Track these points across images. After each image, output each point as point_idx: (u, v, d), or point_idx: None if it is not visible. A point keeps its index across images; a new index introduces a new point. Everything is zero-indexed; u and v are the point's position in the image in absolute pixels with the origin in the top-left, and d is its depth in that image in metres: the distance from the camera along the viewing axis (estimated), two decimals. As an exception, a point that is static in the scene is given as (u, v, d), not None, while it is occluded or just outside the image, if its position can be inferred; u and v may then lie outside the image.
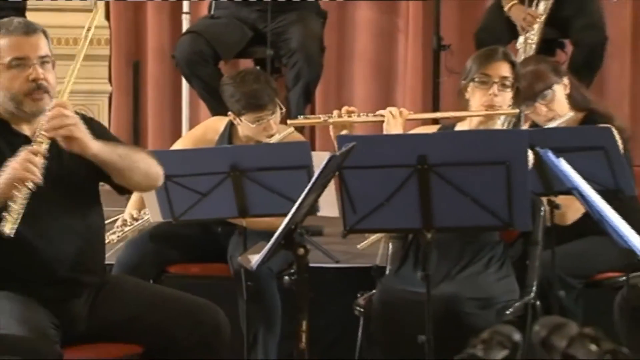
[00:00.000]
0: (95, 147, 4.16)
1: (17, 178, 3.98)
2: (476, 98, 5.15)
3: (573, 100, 5.41)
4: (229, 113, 5.66)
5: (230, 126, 5.70)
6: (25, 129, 4.27)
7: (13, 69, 4.21)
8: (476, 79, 5.15)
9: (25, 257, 4.23)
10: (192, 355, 4.29)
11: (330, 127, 5.10)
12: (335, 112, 5.07)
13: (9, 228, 3.93)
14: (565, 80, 5.42)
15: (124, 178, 4.31)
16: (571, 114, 5.34)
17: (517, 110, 5.18)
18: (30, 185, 3.96)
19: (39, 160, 3.99)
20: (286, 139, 5.55)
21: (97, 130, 4.39)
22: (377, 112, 5.10)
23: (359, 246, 5.14)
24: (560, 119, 5.31)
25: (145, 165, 4.34)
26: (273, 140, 5.55)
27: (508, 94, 5.15)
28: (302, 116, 5.52)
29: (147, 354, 4.35)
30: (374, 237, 5.16)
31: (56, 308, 4.24)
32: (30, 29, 4.26)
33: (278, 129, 5.57)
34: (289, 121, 5.26)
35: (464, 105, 5.19)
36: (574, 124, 5.37)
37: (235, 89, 5.60)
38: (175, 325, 4.29)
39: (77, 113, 4.24)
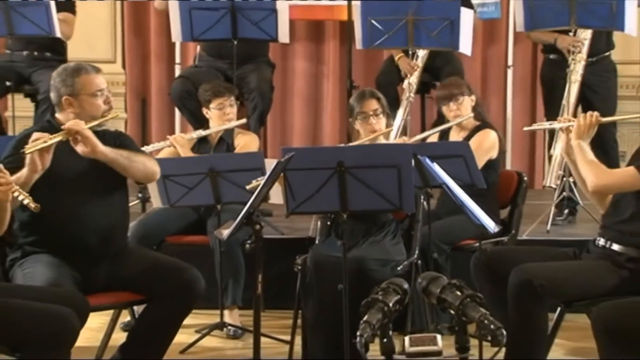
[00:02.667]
0: (102, 147, 4.13)
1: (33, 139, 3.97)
2: (363, 128, 5.19)
3: (475, 112, 5.48)
4: (203, 109, 5.76)
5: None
6: None
7: (95, 97, 4.20)
8: (358, 117, 5.19)
9: (61, 231, 4.18)
10: (174, 300, 4.24)
11: None
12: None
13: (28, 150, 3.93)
14: (474, 97, 5.50)
15: (127, 173, 4.27)
16: (471, 115, 5.43)
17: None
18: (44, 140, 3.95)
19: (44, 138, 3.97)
20: (241, 132, 5.76)
21: (125, 138, 4.43)
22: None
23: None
24: (462, 117, 5.40)
25: (143, 165, 4.29)
26: (230, 125, 5.69)
27: (382, 119, 5.20)
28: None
29: (146, 299, 4.31)
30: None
31: (82, 269, 4.19)
32: (98, 70, 4.29)
33: (234, 118, 5.72)
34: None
35: (355, 134, 5.24)
36: (471, 126, 5.47)
37: (207, 85, 5.81)
38: (164, 280, 4.24)
39: (111, 130, 4.30)
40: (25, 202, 3.78)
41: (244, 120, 5.85)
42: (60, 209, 4.10)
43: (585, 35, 6.09)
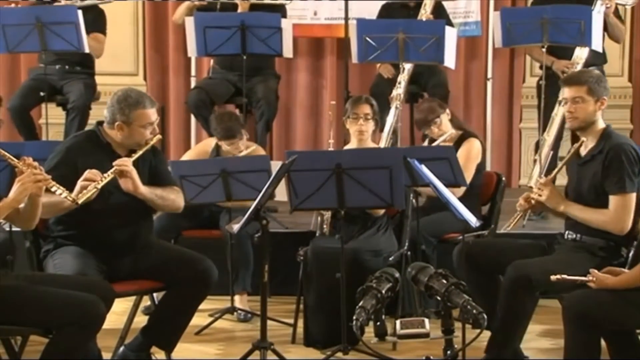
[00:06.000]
0: (142, 188, 4.14)
1: (85, 178, 3.96)
2: (352, 127, 5.18)
3: (453, 123, 5.41)
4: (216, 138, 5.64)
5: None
6: (121, 153, 4.22)
7: (145, 128, 4.17)
8: (350, 117, 5.18)
9: (92, 228, 4.17)
10: (190, 287, 4.22)
11: None
12: None
13: (81, 200, 3.88)
14: (447, 111, 5.42)
15: (156, 208, 4.32)
16: (452, 131, 5.34)
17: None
18: (95, 184, 3.93)
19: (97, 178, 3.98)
20: (250, 152, 5.52)
21: (159, 157, 4.41)
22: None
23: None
24: (446, 134, 5.32)
25: (172, 203, 4.32)
26: (242, 154, 5.49)
27: (371, 123, 5.18)
28: None
29: (166, 287, 4.28)
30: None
31: (108, 261, 4.18)
32: (154, 104, 4.24)
33: (245, 148, 5.52)
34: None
35: (346, 132, 5.24)
36: (455, 138, 5.37)
37: (216, 125, 5.58)
38: (182, 269, 4.23)
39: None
40: (64, 195, 3.75)
41: (253, 147, 5.75)
42: (93, 209, 4.07)
43: (581, 56, 6.05)
